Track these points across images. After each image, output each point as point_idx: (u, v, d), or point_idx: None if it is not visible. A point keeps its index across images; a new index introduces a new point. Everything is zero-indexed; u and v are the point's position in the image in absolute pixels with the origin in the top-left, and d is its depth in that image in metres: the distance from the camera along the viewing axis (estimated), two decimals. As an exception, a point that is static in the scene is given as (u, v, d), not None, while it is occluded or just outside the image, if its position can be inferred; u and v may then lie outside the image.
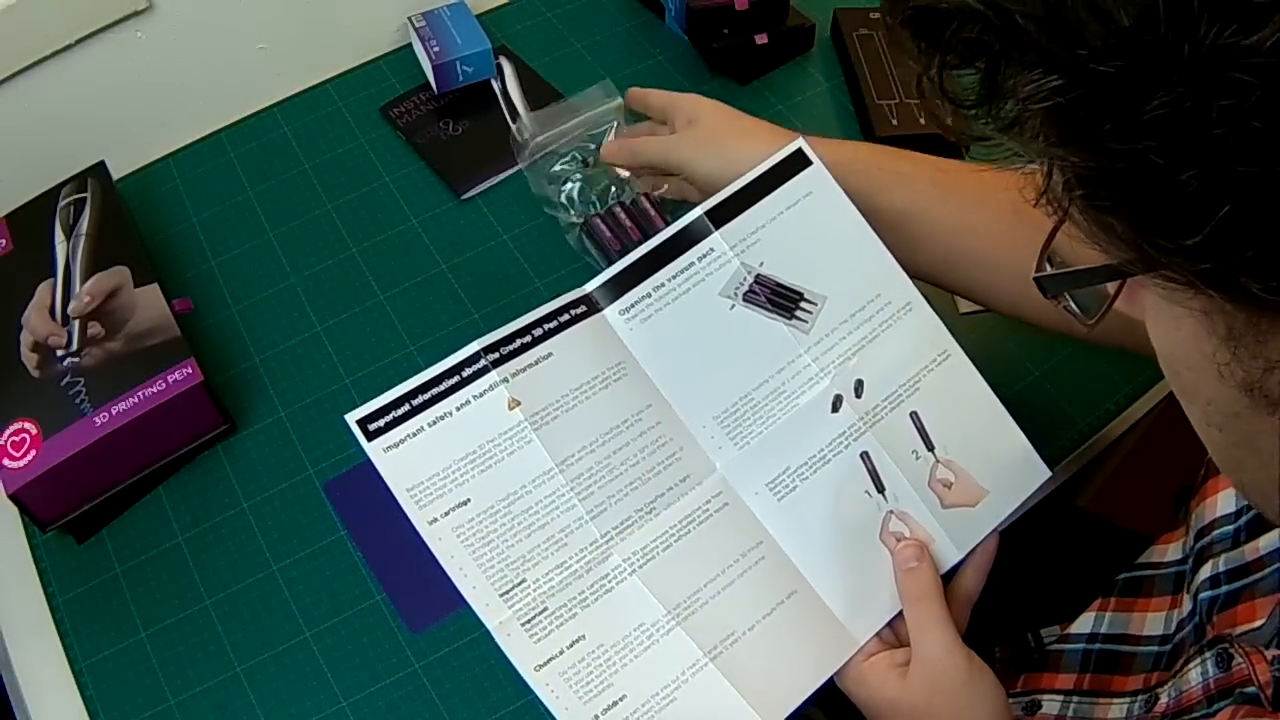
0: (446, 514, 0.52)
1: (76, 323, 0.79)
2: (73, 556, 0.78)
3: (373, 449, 0.51)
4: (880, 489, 0.59)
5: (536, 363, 0.54)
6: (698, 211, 0.59)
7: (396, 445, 0.51)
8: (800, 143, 0.61)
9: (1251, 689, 0.51)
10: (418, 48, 1.02)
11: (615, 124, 0.95)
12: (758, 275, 0.59)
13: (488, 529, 0.52)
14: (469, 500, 0.52)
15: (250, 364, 0.86)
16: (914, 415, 0.60)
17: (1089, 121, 0.31)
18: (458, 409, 0.52)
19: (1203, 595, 0.59)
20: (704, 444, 0.56)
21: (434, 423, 0.52)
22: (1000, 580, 0.58)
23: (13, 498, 0.72)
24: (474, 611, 0.52)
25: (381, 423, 0.51)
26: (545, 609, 0.52)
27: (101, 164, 0.88)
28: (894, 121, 0.96)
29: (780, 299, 0.59)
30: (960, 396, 0.62)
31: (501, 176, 0.96)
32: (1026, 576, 0.84)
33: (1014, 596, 0.82)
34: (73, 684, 0.72)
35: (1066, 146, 0.33)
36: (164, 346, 0.78)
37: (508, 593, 0.52)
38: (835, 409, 0.59)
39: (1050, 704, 0.69)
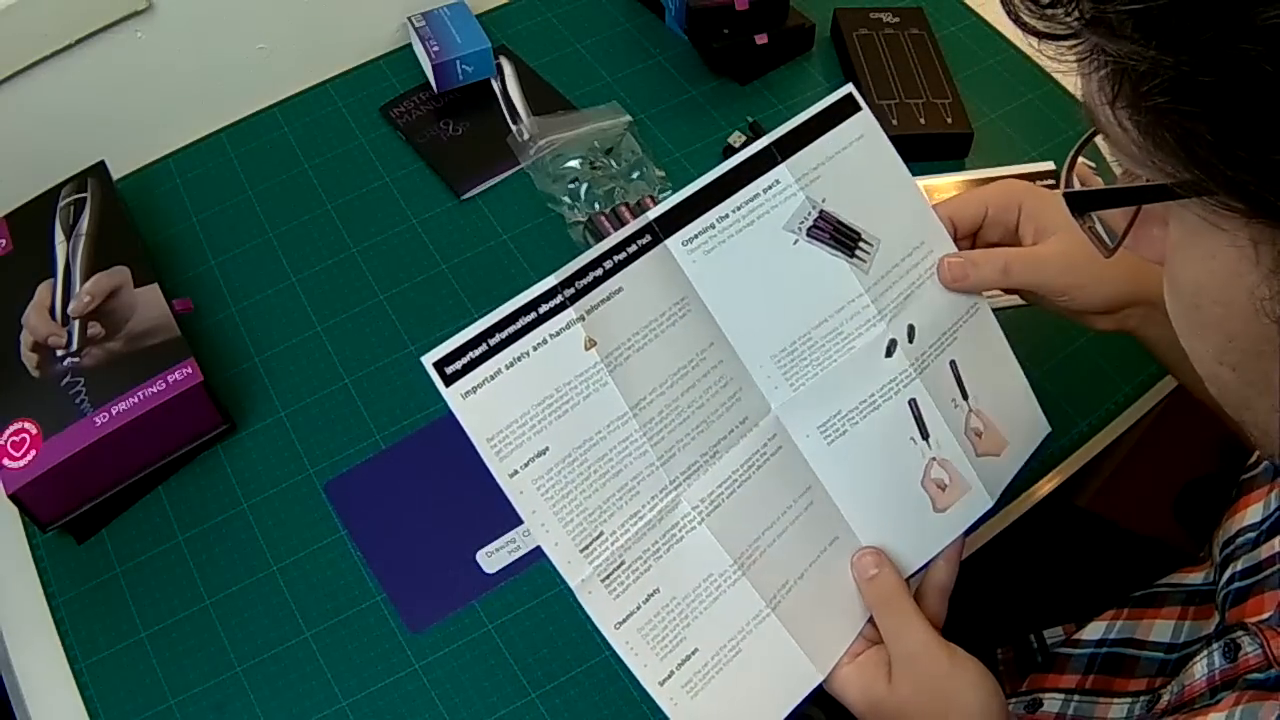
0: (526, 465, 0.49)
1: (76, 323, 0.79)
2: (73, 556, 0.78)
3: (450, 395, 0.48)
4: (925, 435, 0.58)
5: (609, 298, 0.52)
6: (765, 141, 0.57)
7: (475, 390, 0.49)
8: (850, 89, 0.60)
9: (1256, 675, 0.51)
10: (418, 48, 1.02)
11: (626, 134, 0.96)
12: (821, 211, 0.57)
13: (566, 479, 0.50)
14: (547, 449, 0.49)
15: (250, 364, 0.86)
16: (953, 364, 0.60)
17: (1193, 24, 0.30)
18: (535, 349, 0.49)
19: (1221, 595, 0.59)
20: (760, 384, 0.55)
21: (511, 364, 0.49)
22: (1001, 581, 0.58)
23: (13, 498, 0.72)
24: (553, 567, 0.50)
25: (459, 364, 0.49)
26: (622, 562, 0.50)
27: (101, 164, 0.88)
28: (894, 122, 0.96)
29: (842, 237, 0.58)
30: (986, 348, 0.62)
31: (501, 176, 0.97)
32: (1027, 577, 0.85)
33: (1015, 597, 0.82)
34: (73, 684, 0.72)
35: (1161, 49, 0.31)
36: (164, 346, 0.78)
37: (587, 547, 0.50)
38: (889, 354, 0.58)
39: (1051, 702, 0.69)
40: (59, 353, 0.78)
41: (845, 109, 0.59)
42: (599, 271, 0.52)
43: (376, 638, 0.73)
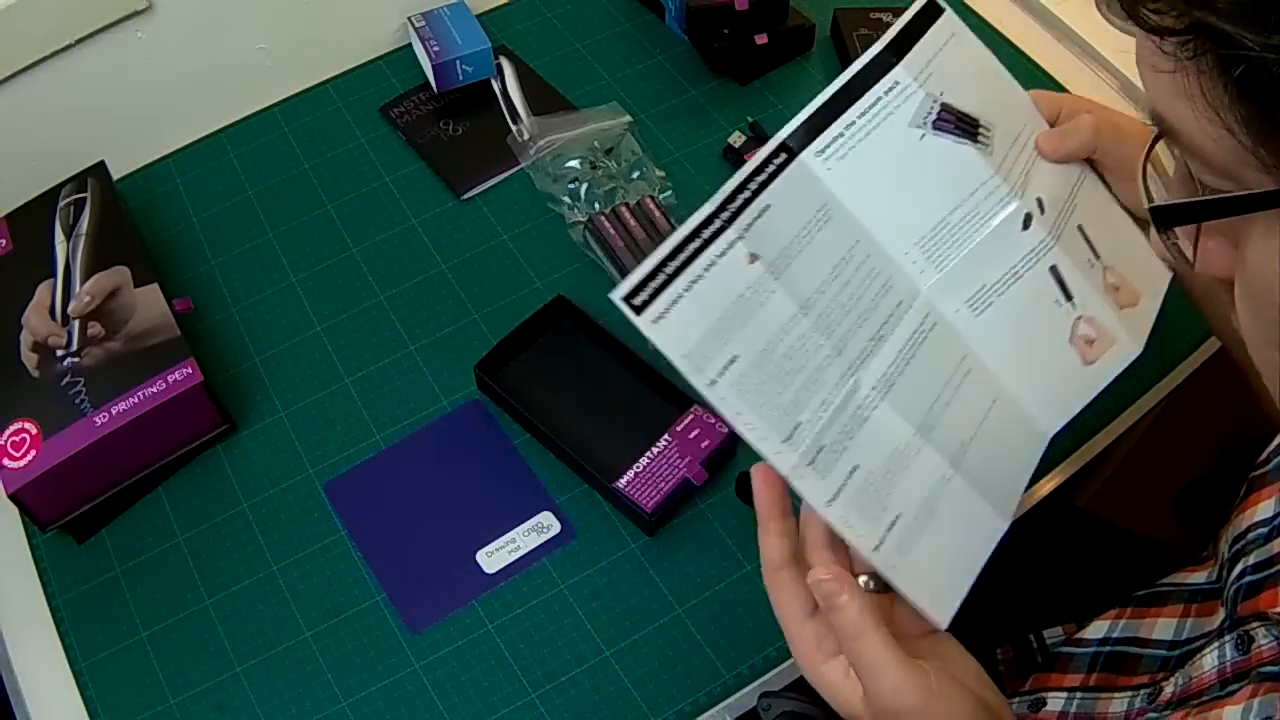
0: (722, 372, 0.53)
1: (76, 323, 0.79)
2: (73, 556, 0.78)
3: (643, 323, 0.51)
4: (1069, 297, 0.63)
5: (760, 215, 0.55)
6: (879, 45, 0.61)
7: (664, 314, 0.52)
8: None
9: (1272, 668, 0.51)
10: (418, 48, 1.02)
11: (626, 134, 0.96)
12: (943, 104, 0.61)
13: (758, 379, 0.53)
14: (737, 356, 0.53)
15: (250, 364, 0.86)
16: (1079, 228, 0.64)
17: None
18: (706, 270, 0.53)
19: (1231, 590, 0.59)
20: (909, 271, 0.59)
21: (689, 287, 0.53)
22: (1001, 581, 0.58)
23: (13, 498, 0.72)
24: (762, 455, 0.53)
25: (645, 294, 0.52)
26: (822, 446, 0.54)
27: (101, 164, 0.88)
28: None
29: (965, 124, 0.61)
30: (1103, 209, 0.66)
31: (501, 176, 0.97)
32: (1027, 577, 0.85)
33: (1015, 597, 0.82)
34: (73, 684, 0.72)
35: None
36: (164, 346, 0.78)
37: (789, 437, 0.53)
38: (1025, 226, 0.62)
39: (1055, 701, 0.69)
40: (59, 353, 0.78)
41: (931, 14, 0.63)
42: (746, 194, 0.55)
43: (376, 638, 0.73)
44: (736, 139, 0.96)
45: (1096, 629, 0.72)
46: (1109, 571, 0.72)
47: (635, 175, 0.94)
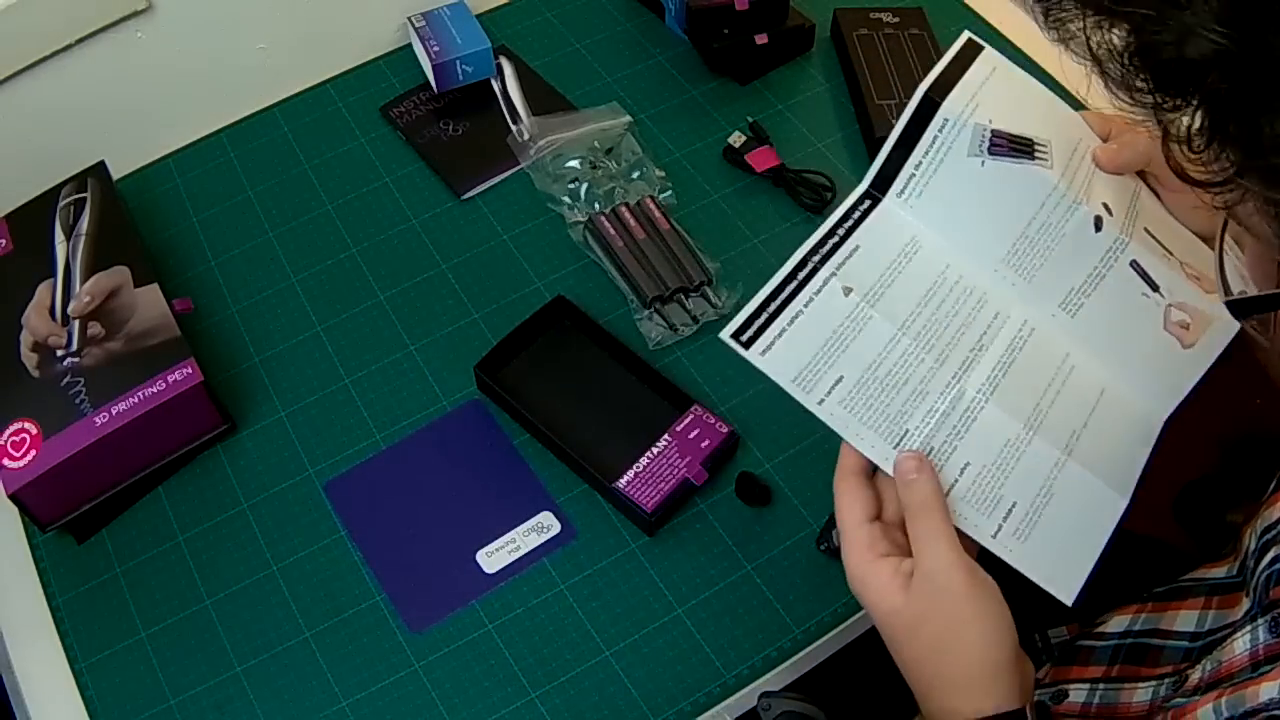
0: (829, 392, 0.59)
1: (76, 323, 0.79)
2: (73, 556, 0.78)
3: (752, 355, 0.59)
4: (1155, 288, 0.65)
5: (850, 255, 0.62)
6: (921, 91, 0.65)
7: (770, 347, 0.59)
8: (968, 35, 0.67)
9: None
10: (418, 48, 1.02)
11: (626, 134, 0.96)
12: (993, 130, 0.65)
13: (865, 395, 0.59)
14: (842, 377, 0.59)
15: (250, 364, 0.86)
16: (1146, 229, 0.67)
17: None
18: (806, 306, 0.60)
19: (1261, 578, 0.59)
20: (998, 285, 0.64)
21: (792, 321, 0.60)
22: (1003, 581, 0.58)
23: (13, 498, 0.72)
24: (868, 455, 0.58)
25: (751, 331, 0.59)
26: (932, 448, 0.59)
27: (101, 164, 0.88)
28: (894, 121, 0.96)
29: (1019, 146, 0.65)
30: (1161, 214, 0.68)
31: (501, 176, 0.97)
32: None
33: (1017, 597, 0.82)
34: (73, 684, 0.72)
35: None
36: (164, 346, 0.78)
37: (899, 443, 0.59)
38: (1098, 228, 0.65)
39: (1077, 693, 0.69)
40: (59, 353, 0.78)
41: (970, 54, 0.66)
42: (835, 239, 0.62)
43: (376, 638, 0.73)
44: (736, 139, 0.96)
45: (1117, 623, 0.72)
46: (1110, 571, 0.72)
47: (635, 175, 0.94)
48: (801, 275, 0.61)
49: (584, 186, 0.93)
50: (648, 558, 0.77)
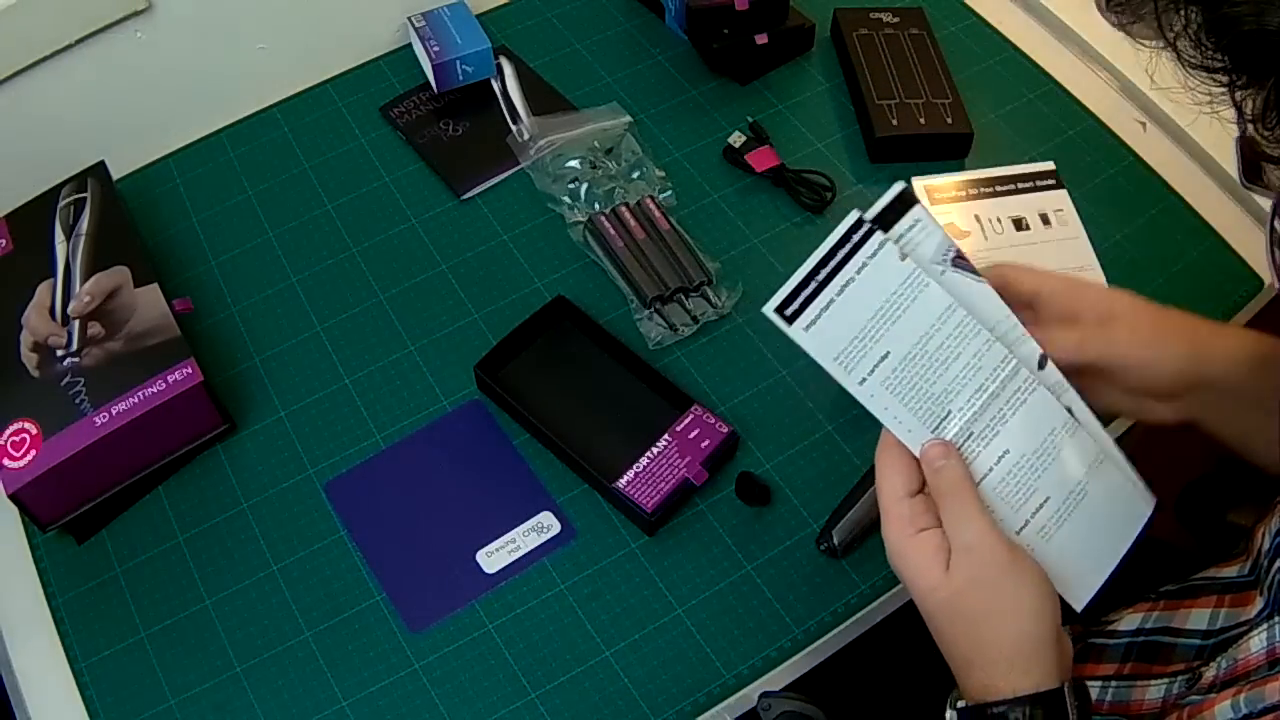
0: (872, 371, 0.56)
1: (76, 323, 0.79)
2: (73, 556, 0.78)
3: (794, 331, 0.55)
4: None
5: (912, 226, 0.58)
6: (851, 217, 0.59)
7: (815, 321, 0.55)
8: (901, 185, 0.61)
9: None
10: (418, 48, 1.02)
11: (626, 134, 0.96)
12: (957, 248, 0.61)
13: (911, 373, 0.56)
14: (889, 353, 0.56)
15: (250, 364, 0.86)
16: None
17: None
18: (859, 272, 0.56)
19: (1276, 577, 0.59)
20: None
21: (841, 291, 0.56)
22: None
23: (13, 498, 0.72)
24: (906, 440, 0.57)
25: (796, 305, 0.55)
26: (971, 433, 0.57)
27: (101, 164, 0.88)
28: (894, 121, 0.96)
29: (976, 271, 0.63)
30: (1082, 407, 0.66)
31: (501, 177, 0.97)
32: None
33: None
34: (73, 684, 0.72)
35: None
36: (164, 346, 0.78)
37: (938, 426, 0.57)
38: (1042, 366, 0.62)
39: (1090, 689, 0.70)
40: (59, 353, 0.78)
41: (907, 203, 0.61)
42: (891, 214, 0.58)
43: (376, 638, 0.73)
44: (736, 139, 0.96)
45: (1129, 621, 0.72)
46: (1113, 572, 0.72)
47: (635, 175, 0.94)
48: (856, 238, 0.56)
49: (584, 186, 0.93)
50: (648, 558, 0.77)
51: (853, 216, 0.56)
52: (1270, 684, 0.52)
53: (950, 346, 0.57)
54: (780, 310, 0.55)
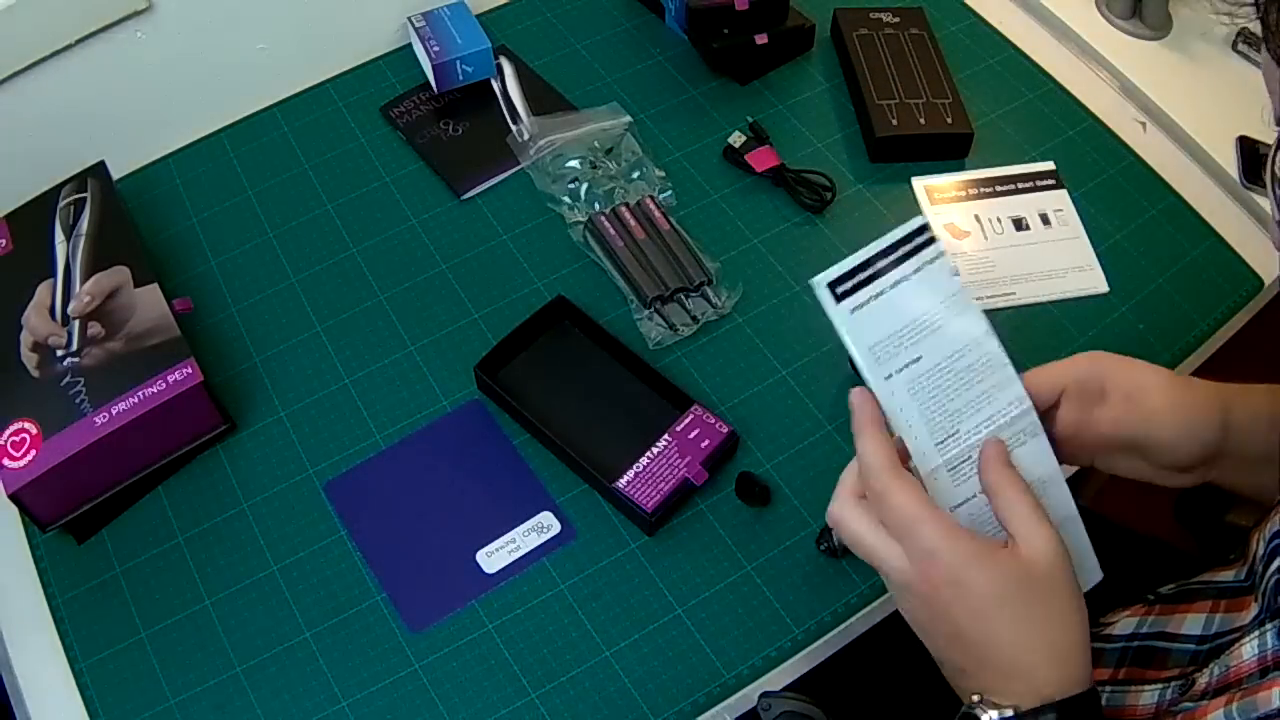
0: (901, 369, 0.56)
1: (76, 323, 0.79)
2: (73, 556, 0.78)
3: (840, 310, 0.55)
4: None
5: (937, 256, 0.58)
6: (916, 221, 0.59)
7: (862, 306, 0.55)
8: (920, 219, 0.61)
9: None
10: (418, 48, 1.02)
11: (626, 134, 0.96)
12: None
13: (935, 384, 0.57)
14: (920, 358, 0.56)
15: (250, 364, 0.86)
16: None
17: None
18: (914, 272, 0.56)
19: (1270, 583, 0.59)
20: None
21: (894, 285, 0.56)
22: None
23: (13, 498, 0.72)
24: (913, 454, 0.57)
25: (849, 285, 0.55)
26: (970, 458, 0.57)
27: (101, 164, 0.88)
28: (894, 121, 0.96)
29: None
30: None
31: (501, 176, 0.97)
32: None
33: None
34: (73, 684, 0.72)
35: None
36: (164, 346, 0.78)
37: (942, 442, 0.57)
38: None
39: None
40: (59, 353, 0.78)
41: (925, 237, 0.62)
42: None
43: (376, 638, 0.73)
44: (736, 139, 0.96)
45: (1124, 625, 0.72)
46: (1111, 572, 0.72)
47: (635, 175, 0.94)
48: (918, 240, 0.56)
49: (584, 186, 0.93)
50: (648, 558, 0.77)
51: (918, 220, 0.57)
52: (1261, 692, 0.52)
53: (976, 370, 0.58)
54: (832, 287, 0.55)
